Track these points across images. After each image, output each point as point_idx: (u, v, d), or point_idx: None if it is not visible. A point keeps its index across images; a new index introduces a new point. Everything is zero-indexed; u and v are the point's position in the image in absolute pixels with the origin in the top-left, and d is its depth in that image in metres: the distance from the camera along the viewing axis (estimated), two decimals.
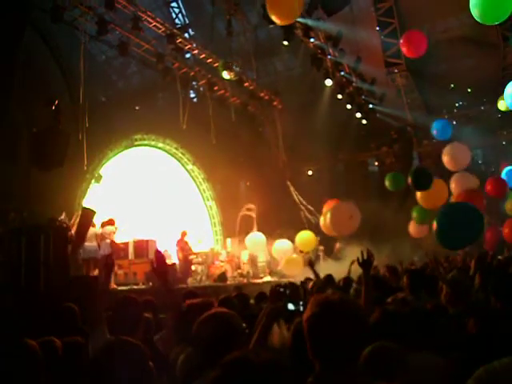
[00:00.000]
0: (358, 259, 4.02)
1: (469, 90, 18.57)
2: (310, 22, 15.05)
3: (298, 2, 10.04)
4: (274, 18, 10.37)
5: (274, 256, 17.37)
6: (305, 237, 16.58)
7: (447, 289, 4.40)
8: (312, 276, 7.33)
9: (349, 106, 19.46)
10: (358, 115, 20.06)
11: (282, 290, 3.51)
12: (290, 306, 3.38)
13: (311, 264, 6.36)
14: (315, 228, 18.87)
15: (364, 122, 20.32)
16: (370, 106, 20.12)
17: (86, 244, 11.54)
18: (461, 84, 14.78)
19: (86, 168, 14.03)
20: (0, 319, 4.90)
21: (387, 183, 14.13)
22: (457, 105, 20.74)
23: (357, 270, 6.32)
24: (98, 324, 3.48)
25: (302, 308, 3.43)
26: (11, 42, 10.73)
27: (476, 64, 17.39)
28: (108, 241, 12.26)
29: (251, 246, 17.11)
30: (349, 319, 1.96)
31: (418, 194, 12.78)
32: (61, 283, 8.14)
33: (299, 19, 14.75)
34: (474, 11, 7.25)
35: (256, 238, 17.34)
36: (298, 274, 15.39)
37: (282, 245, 17.13)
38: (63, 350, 3.20)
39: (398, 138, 18.72)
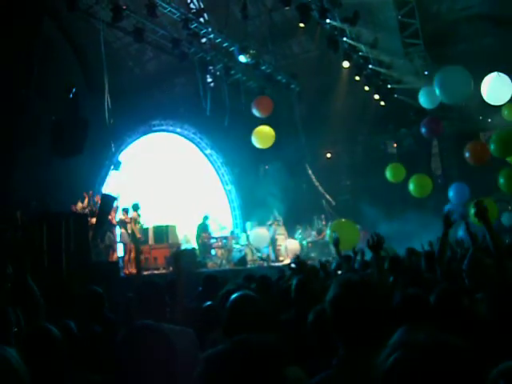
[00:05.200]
0: (368, 242, 4.05)
1: None
2: None
3: None
4: None
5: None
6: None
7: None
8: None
9: (367, 88, 19.27)
10: (376, 97, 19.85)
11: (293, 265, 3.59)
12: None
13: (336, 243, 6.33)
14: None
15: (382, 103, 20.12)
16: (389, 86, 19.88)
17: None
18: (479, 63, 14.49)
19: (113, 150, 14.33)
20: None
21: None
22: None
23: None
24: None
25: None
26: (30, 33, 10.83)
27: (496, 42, 17.06)
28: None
29: (255, 240, 17.11)
30: (371, 299, 1.95)
31: None
32: (82, 268, 8.29)
33: None
34: None
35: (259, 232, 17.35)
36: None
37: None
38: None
39: (417, 119, 18.47)
